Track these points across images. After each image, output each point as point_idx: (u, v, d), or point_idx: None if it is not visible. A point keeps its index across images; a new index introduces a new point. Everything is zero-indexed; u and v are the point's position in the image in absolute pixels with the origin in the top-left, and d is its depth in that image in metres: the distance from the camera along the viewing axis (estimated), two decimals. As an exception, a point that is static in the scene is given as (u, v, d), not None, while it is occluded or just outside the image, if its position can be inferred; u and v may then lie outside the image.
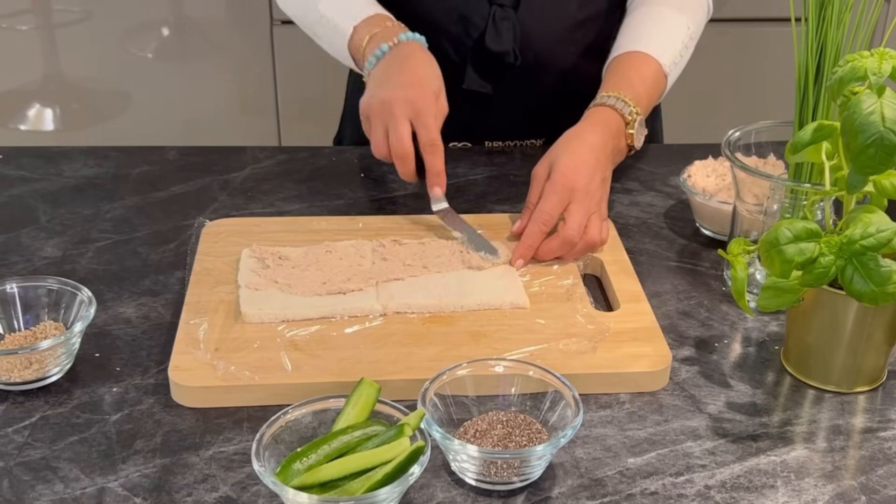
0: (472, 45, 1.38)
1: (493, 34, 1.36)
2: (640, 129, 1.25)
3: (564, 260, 1.16)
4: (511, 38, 1.35)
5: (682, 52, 1.33)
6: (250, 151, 1.44)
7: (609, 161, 1.21)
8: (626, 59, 1.31)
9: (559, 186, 1.16)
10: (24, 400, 0.97)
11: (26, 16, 2.38)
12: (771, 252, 0.93)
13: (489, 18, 1.36)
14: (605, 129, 1.22)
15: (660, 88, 1.31)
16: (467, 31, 1.38)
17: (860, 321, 0.97)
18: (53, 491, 0.87)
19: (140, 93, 2.40)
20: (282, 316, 1.05)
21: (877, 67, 0.90)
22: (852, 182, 0.92)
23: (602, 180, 1.19)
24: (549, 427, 0.92)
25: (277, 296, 1.07)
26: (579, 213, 1.15)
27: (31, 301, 1.04)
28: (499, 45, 1.35)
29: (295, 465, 0.84)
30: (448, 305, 1.07)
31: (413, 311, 1.07)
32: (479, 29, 1.37)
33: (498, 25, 1.35)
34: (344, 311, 1.06)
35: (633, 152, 1.26)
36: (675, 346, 1.06)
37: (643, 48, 1.30)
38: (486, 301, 1.08)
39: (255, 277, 1.10)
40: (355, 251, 1.15)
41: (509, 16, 1.35)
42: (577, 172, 1.16)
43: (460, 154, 1.44)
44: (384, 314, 1.06)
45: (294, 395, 0.93)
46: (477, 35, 1.37)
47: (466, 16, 1.37)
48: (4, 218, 1.27)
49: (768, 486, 0.89)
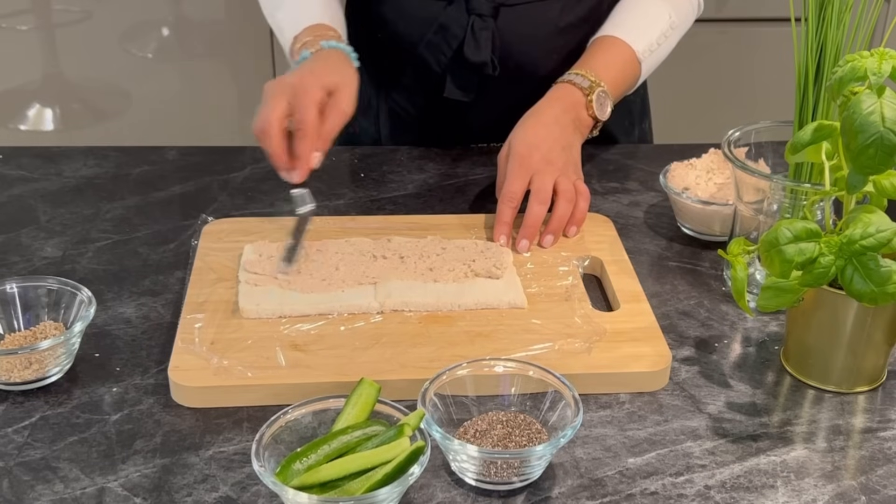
0: (452, 55, 1.37)
1: (472, 44, 1.35)
2: (602, 100, 1.27)
3: (569, 248, 1.18)
4: (489, 49, 1.35)
5: (660, 41, 1.34)
6: (250, 151, 1.44)
7: (571, 130, 1.25)
8: (599, 43, 1.34)
9: (517, 164, 1.20)
10: (24, 400, 0.97)
11: (26, 16, 2.38)
12: (771, 252, 0.93)
13: (468, 28, 1.34)
14: (560, 102, 1.26)
15: (632, 73, 1.33)
16: (446, 41, 1.36)
17: (860, 321, 0.97)
18: (53, 491, 0.87)
19: (140, 93, 2.40)
20: (279, 312, 1.05)
21: (877, 67, 0.90)
22: (852, 182, 0.92)
23: (562, 149, 1.22)
24: (549, 427, 0.92)
25: (276, 292, 1.08)
26: (542, 181, 1.19)
27: (31, 301, 1.04)
28: (477, 55, 1.35)
29: (295, 465, 0.84)
30: (446, 304, 1.07)
31: (411, 309, 1.07)
32: (457, 38, 1.35)
33: (476, 35, 1.34)
34: (342, 308, 1.06)
35: (600, 123, 1.29)
36: (675, 346, 1.06)
37: (617, 33, 1.33)
38: (484, 301, 1.08)
39: (255, 273, 1.10)
40: (354, 249, 1.15)
41: (488, 25, 1.34)
42: (533, 148, 1.21)
43: (460, 154, 1.44)
44: (381, 312, 1.06)
45: (294, 395, 0.93)
46: (456, 45, 1.36)
47: (445, 25, 1.36)
48: (4, 218, 1.27)
49: (768, 486, 0.89)
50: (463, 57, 1.35)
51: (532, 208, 1.18)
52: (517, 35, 1.37)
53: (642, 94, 1.55)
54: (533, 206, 1.18)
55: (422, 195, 1.34)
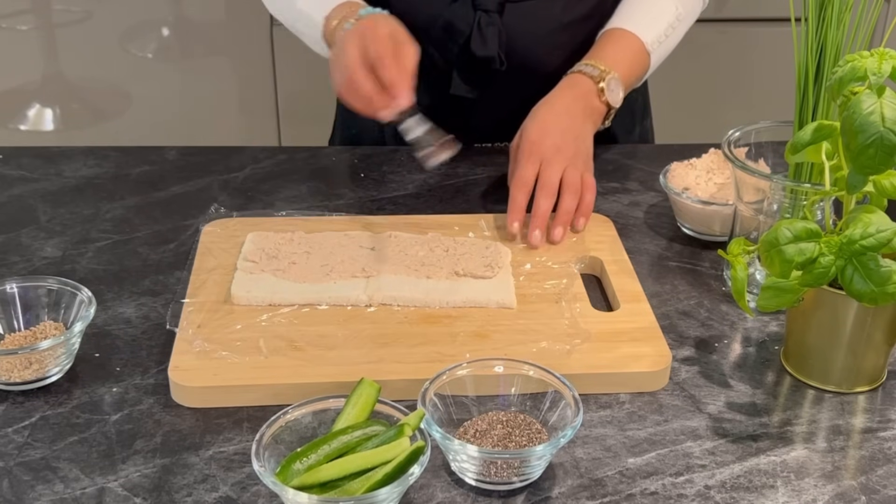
0: (458, 51, 1.37)
1: (479, 40, 1.35)
2: (613, 86, 1.28)
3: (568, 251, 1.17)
4: (496, 44, 1.35)
5: (668, 32, 1.35)
6: (250, 151, 1.44)
7: (581, 120, 1.25)
8: (607, 35, 1.35)
9: (527, 151, 1.22)
10: (24, 400, 0.97)
11: (26, 16, 2.37)
12: (771, 252, 0.93)
13: (474, 24, 1.35)
14: (572, 91, 1.27)
15: (641, 64, 1.34)
16: (452, 37, 1.37)
17: (860, 321, 0.97)
18: (53, 491, 0.87)
19: (140, 93, 2.40)
20: (269, 300, 1.07)
21: (877, 67, 0.90)
22: (852, 182, 0.92)
23: (574, 139, 1.23)
24: (549, 427, 0.92)
25: (269, 279, 1.09)
26: (549, 172, 1.20)
27: (31, 301, 1.04)
28: (484, 50, 1.35)
29: (295, 465, 0.84)
30: (435, 301, 1.08)
31: (399, 304, 1.07)
32: (464, 35, 1.36)
33: (483, 31, 1.35)
34: (330, 299, 1.07)
35: (612, 112, 1.29)
36: (675, 346, 1.06)
37: (625, 25, 1.34)
38: (473, 299, 1.08)
39: (253, 262, 1.12)
40: (352, 242, 1.16)
41: (494, 21, 1.35)
42: (543, 134, 1.22)
43: (460, 154, 1.44)
44: (370, 304, 1.07)
45: (294, 395, 0.93)
46: (462, 41, 1.36)
47: (451, 22, 1.36)
48: (4, 218, 1.27)
49: (768, 486, 0.89)
50: (469, 53, 1.36)
51: (539, 202, 1.19)
52: (522, 31, 1.37)
53: (643, 92, 1.55)
54: (539, 201, 1.20)
55: (422, 195, 1.34)
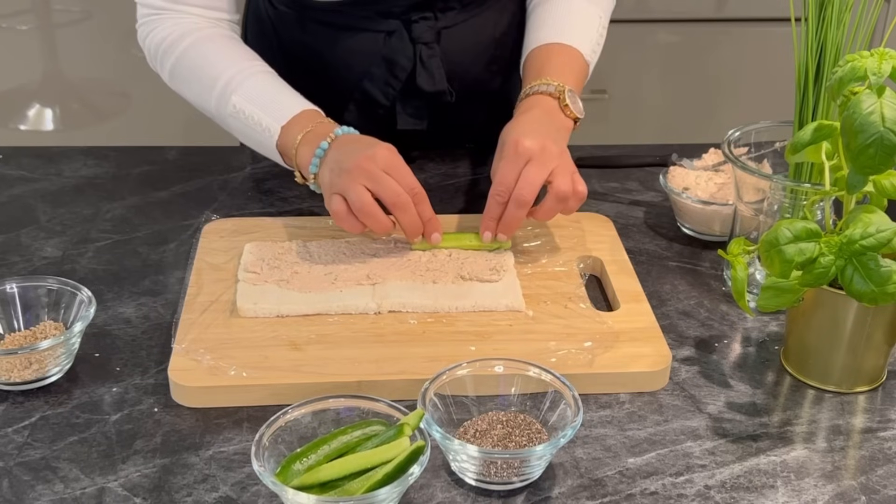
0: (401, 87, 1.33)
1: (425, 75, 1.32)
2: (574, 99, 1.21)
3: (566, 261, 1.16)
4: (443, 76, 1.32)
5: (599, 41, 1.30)
6: (250, 151, 1.44)
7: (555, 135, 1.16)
8: (547, 50, 1.27)
9: (510, 153, 1.12)
10: (24, 400, 0.97)
11: (26, 16, 2.38)
12: (771, 252, 0.93)
13: (416, 58, 1.31)
14: (540, 109, 1.19)
15: (584, 75, 1.28)
16: (394, 74, 1.32)
17: (860, 321, 0.97)
18: (53, 491, 0.87)
19: (140, 93, 2.40)
20: (276, 311, 1.05)
21: (877, 67, 0.90)
22: (852, 182, 0.92)
23: (554, 141, 1.14)
24: (548, 427, 0.92)
25: (274, 291, 1.08)
26: (535, 170, 1.11)
27: (31, 301, 1.04)
28: (432, 85, 1.32)
29: (295, 466, 0.84)
30: (444, 306, 1.07)
31: (408, 310, 1.07)
32: (406, 70, 1.32)
33: (426, 65, 1.31)
34: (339, 308, 1.06)
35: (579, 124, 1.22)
36: (675, 346, 1.06)
37: (561, 39, 1.27)
38: (482, 304, 1.08)
39: (254, 273, 1.10)
40: (355, 249, 1.15)
41: (435, 52, 1.32)
42: (525, 136, 1.12)
43: (461, 154, 1.44)
44: (379, 312, 1.06)
45: (294, 395, 0.93)
46: (405, 76, 1.32)
47: (391, 58, 1.32)
48: (4, 218, 1.27)
49: (768, 486, 0.89)
50: (413, 87, 1.32)
51: (510, 210, 1.11)
52: (460, 54, 1.35)
53: None
54: (511, 208, 1.11)
55: (422, 195, 1.34)
